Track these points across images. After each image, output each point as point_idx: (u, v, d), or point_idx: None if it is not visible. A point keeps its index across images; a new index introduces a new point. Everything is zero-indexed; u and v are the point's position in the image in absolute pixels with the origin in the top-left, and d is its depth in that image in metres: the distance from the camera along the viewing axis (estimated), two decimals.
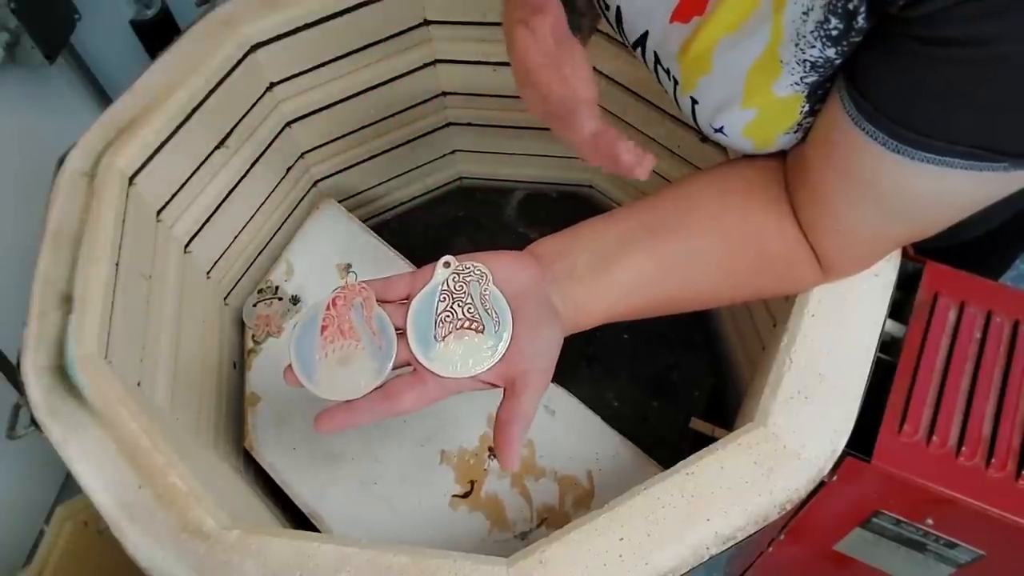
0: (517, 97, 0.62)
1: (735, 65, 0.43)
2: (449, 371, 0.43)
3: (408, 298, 0.45)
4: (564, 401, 0.72)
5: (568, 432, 0.70)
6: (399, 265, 0.82)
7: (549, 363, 0.45)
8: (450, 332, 0.44)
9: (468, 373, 0.43)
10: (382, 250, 0.83)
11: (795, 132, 0.46)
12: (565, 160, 0.95)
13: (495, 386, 0.45)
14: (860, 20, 0.37)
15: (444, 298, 0.45)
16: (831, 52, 0.39)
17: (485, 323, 0.44)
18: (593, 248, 0.48)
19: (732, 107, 0.45)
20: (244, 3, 0.72)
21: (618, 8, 0.49)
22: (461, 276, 0.45)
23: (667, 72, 0.48)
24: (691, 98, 0.47)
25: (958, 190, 0.40)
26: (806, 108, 0.44)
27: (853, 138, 0.40)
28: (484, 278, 0.45)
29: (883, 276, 0.53)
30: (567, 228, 0.50)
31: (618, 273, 0.48)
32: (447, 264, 0.46)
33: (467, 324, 0.44)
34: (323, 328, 0.45)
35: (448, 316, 0.44)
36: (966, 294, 0.52)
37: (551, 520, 0.65)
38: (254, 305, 0.81)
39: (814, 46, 0.39)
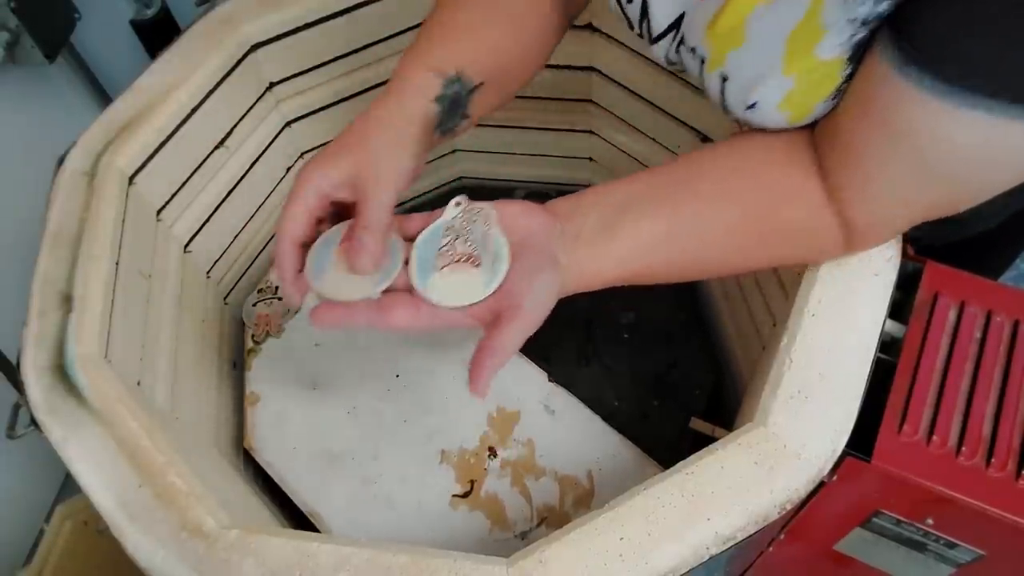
0: (517, 97, 0.62)
1: (773, 32, 0.41)
2: (442, 300, 0.45)
3: None
4: (564, 401, 0.72)
5: (568, 432, 0.70)
6: None
7: (539, 308, 0.45)
8: (447, 264, 0.46)
9: (459, 303, 0.45)
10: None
11: (833, 99, 0.44)
12: (565, 160, 0.95)
13: (484, 324, 0.46)
14: None
15: (448, 234, 0.47)
16: (884, 6, 0.38)
17: (483, 260, 0.46)
18: (602, 211, 0.48)
19: (770, 78, 0.43)
20: (244, 3, 0.72)
21: (643, 3, 0.48)
22: (468, 215, 0.47)
23: (692, 51, 0.47)
24: (720, 76, 0.46)
25: (1008, 146, 0.37)
26: (848, 71, 0.42)
27: (893, 86, 0.38)
28: (489, 218, 0.47)
29: (883, 276, 0.53)
30: (582, 190, 0.50)
31: (625, 237, 0.47)
32: (458, 204, 0.48)
33: (465, 259, 0.46)
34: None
35: (448, 250, 0.47)
36: (966, 294, 0.52)
37: (551, 520, 0.66)
38: (254, 305, 0.81)
39: (864, 3, 0.38)
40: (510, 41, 0.52)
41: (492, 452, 0.69)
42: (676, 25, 0.48)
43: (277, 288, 0.82)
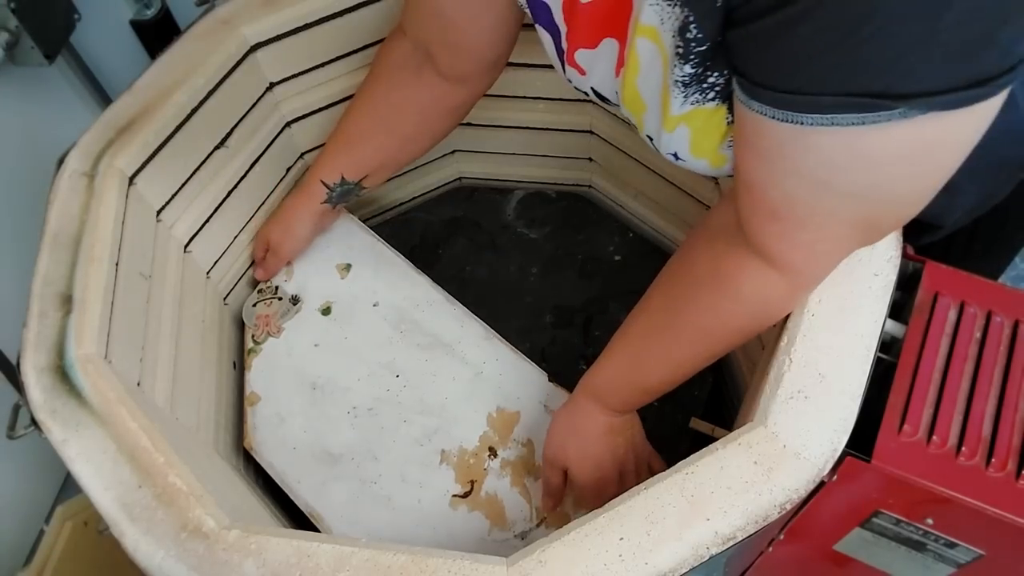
0: (517, 97, 0.63)
1: (653, 94, 0.48)
2: None
3: None
4: (564, 400, 0.71)
5: None
6: (398, 264, 0.82)
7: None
8: None
9: None
10: (381, 250, 0.83)
11: (729, 145, 0.48)
12: (565, 160, 0.95)
13: None
14: (693, 30, 0.40)
15: None
16: (689, 68, 0.43)
17: None
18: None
19: (668, 132, 0.49)
20: (244, 3, 0.72)
21: (595, 91, 0.55)
22: None
23: (629, 120, 0.54)
24: (648, 136, 0.53)
25: (871, 151, 0.37)
26: (730, 118, 0.45)
27: (752, 119, 0.40)
28: None
29: (883, 276, 0.53)
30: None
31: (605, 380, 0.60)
32: None
33: None
34: None
35: None
36: (966, 294, 0.52)
37: (551, 520, 0.65)
38: (254, 305, 0.81)
39: (677, 66, 0.43)
40: (390, 141, 0.73)
41: (492, 452, 0.69)
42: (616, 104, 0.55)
43: (277, 288, 0.82)
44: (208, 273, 0.76)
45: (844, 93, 0.35)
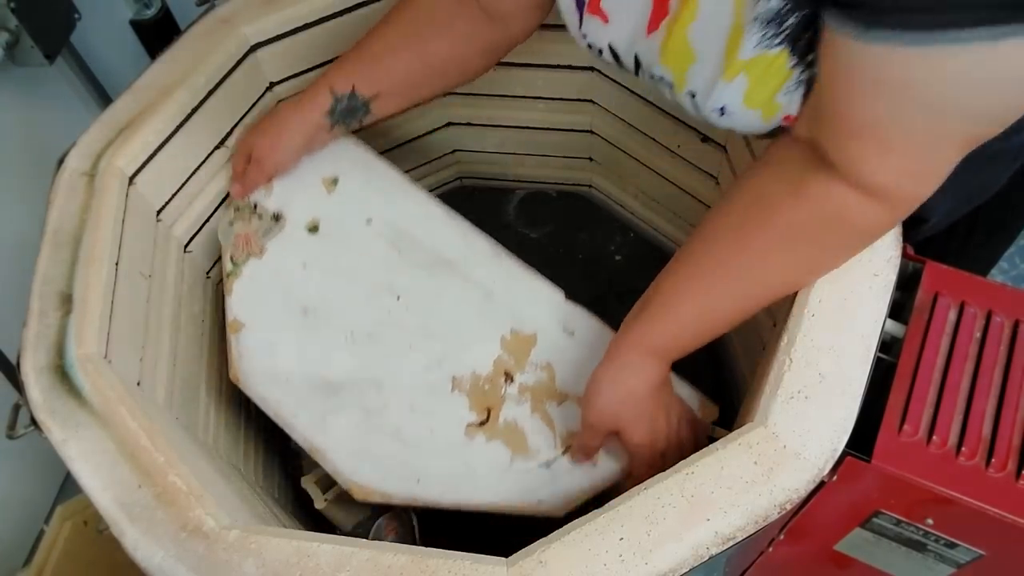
0: (517, 96, 0.63)
1: (712, 42, 0.46)
2: None
3: None
4: (584, 321, 0.66)
5: (592, 355, 0.63)
6: (392, 176, 0.74)
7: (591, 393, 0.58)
8: None
9: None
10: (372, 161, 0.74)
11: (794, 89, 0.46)
12: (565, 160, 0.95)
13: None
14: None
15: None
16: (775, 3, 0.42)
17: None
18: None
19: (723, 82, 0.47)
20: (244, 3, 0.72)
21: (611, 49, 0.53)
22: None
23: (662, 80, 0.52)
24: (689, 93, 0.50)
25: (1007, 68, 0.37)
26: (795, 61, 0.44)
27: (871, 54, 0.39)
28: None
29: (883, 276, 0.53)
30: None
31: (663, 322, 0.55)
32: None
33: None
34: None
35: None
36: (966, 294, 0.52)
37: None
38: (230, 224, 0.72)
39: (763, 3, 0.42)
40: (416, 63, 0.66)
41: (508, 377, 0.64)
42: (638, 65, 0.53)
43: (256, 205, 0.72)
44: (208, 273, 0.76)
45: (984, 5, 0.34)
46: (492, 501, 0.59)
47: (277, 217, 0.72)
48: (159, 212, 0.67)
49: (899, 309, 0.53)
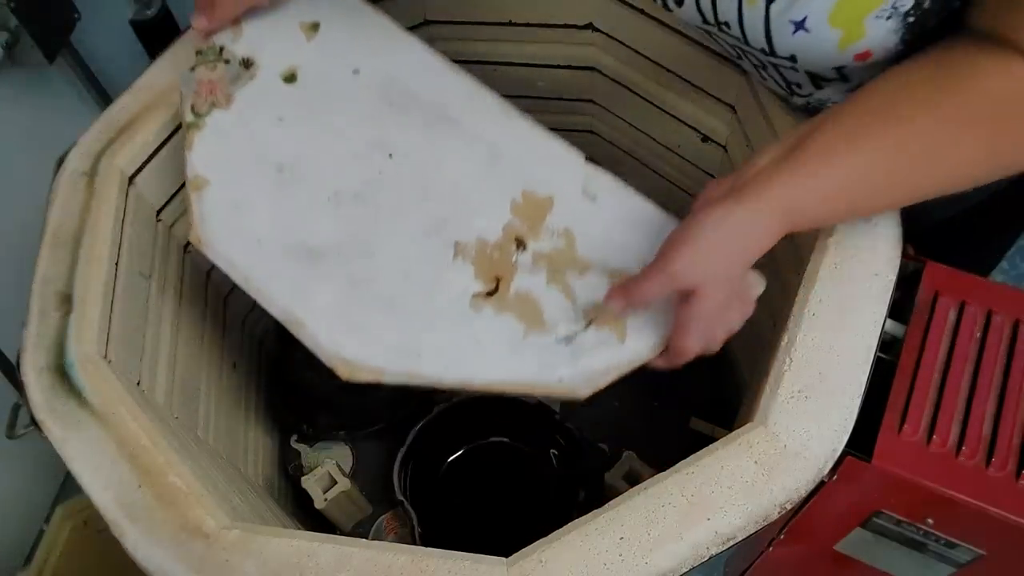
0: (517, 96, 0.62)
1: None
2: None
3: None
4: (608, 183, 0.59)
5: (616, 219, 0.58)
6: (382, 22, 0.64)
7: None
8: None
9: None
10: (363, 7, 0.65)
11: (887, 17, 0.42)
12: None
13: None
14: None
15: None
16: None
17: None
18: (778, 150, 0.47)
19: None
20: None
21: None
22: None
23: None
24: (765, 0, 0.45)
25: None
26: None
27: None
28: None
29: (883, 276, 0.53)
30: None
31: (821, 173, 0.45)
32: None
33: None
34: None
35: None
36: (966, 294, 0.52)
37: (601, 320, 0.54)
38: (192, 69, 0.63)
39: None
40: None
41: (520, 244, 0.57)
42: None
43: (222, 49, 0.62)
44: (208, 273, 0.76)
45: None
46: (503, 379, 0.53)
47: (247, 63, 0.62)
48: (159, 212, 0.67)
49: (899, 309, 0.53)
